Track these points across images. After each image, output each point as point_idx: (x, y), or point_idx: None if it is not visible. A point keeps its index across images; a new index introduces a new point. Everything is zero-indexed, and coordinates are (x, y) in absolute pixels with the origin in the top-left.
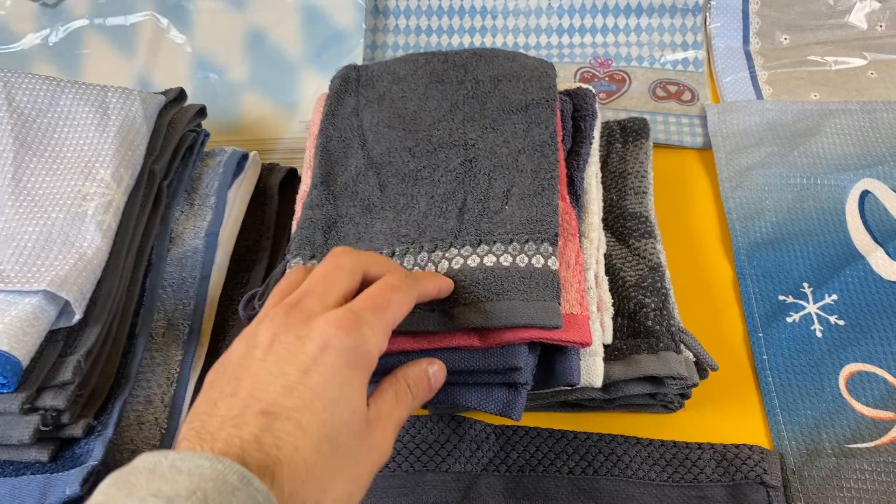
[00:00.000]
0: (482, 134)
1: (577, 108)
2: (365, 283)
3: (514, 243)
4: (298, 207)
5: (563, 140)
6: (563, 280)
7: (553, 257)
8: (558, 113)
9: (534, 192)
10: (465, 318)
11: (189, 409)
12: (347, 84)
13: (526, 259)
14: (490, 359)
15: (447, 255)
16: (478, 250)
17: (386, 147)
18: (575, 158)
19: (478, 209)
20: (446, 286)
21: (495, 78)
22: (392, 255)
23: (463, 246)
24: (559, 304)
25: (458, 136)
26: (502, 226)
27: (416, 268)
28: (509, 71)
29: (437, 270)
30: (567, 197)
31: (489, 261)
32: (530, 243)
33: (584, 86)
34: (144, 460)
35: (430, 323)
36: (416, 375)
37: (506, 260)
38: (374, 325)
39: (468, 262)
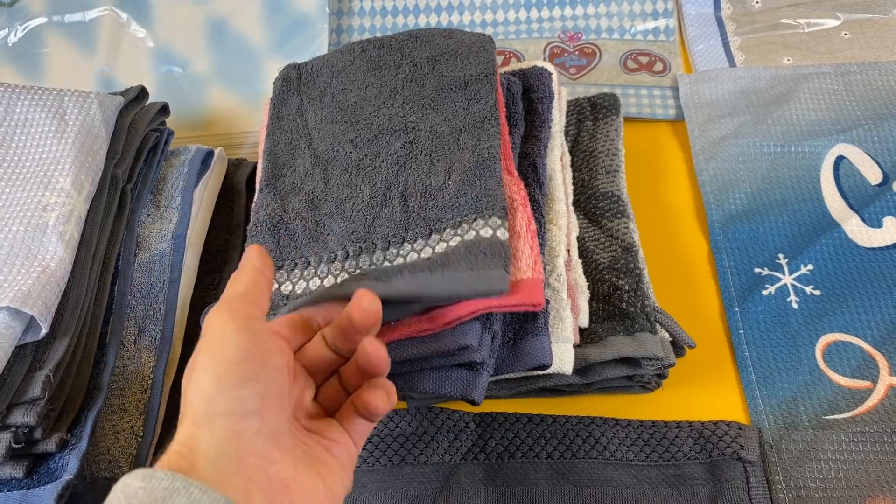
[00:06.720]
0: (422, 115)
1: (533, 88)
2: None
3: (463, 224)
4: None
5: (510, 120)
6: (514, 249)
7: (502, 228)
8: (499, 87)
9: (475, 167)
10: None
11: (163, 414)
12: (289, 84)
13: (473, 233)
14: (441, 340)
15: (401, 251)
16: (430, 241)
17: (330, 143)
18: (535, 143)
19: (420, 191)
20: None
21: (433, 58)
22: (346, 256)
23: (415, 240)
24: (507, 271)
25: (398, 121)
26: (449, 209)
27: (373, 267)
28: (446, 49)
29: (392, 266)
30: (515, 171)
31: (440, 248)
32: (478, 220)
33: (540, 64)
34: None
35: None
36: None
37: (454, 241)
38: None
39: (422, 255)
